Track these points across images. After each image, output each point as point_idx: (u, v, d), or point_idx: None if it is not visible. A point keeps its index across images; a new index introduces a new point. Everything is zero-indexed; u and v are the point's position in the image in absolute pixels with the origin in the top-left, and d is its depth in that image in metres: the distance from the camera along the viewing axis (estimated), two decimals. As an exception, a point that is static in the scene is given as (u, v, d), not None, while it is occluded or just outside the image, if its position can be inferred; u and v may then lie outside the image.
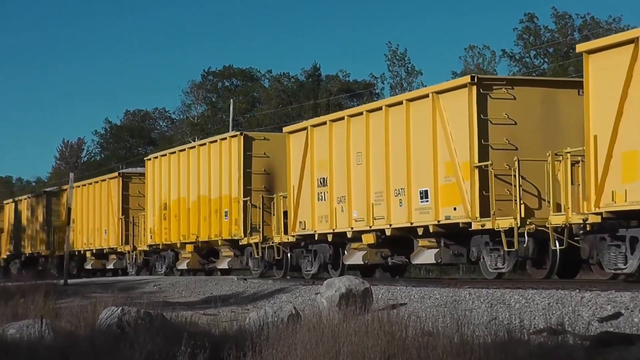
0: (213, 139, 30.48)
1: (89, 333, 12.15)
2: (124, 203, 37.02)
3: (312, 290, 18.99)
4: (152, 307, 14.04)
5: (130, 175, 38.07)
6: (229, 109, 58.57)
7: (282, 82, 70.62)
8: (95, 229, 39.23)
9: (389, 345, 9.10)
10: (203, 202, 30.10)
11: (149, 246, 34.20)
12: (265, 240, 27.06)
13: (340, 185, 23.54)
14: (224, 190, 28.91)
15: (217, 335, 11.54)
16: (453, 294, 15.64)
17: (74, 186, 39.68)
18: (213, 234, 29.52)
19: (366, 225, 22.49)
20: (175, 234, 31.79)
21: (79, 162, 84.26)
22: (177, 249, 32.17)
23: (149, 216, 34.01)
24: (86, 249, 40.12)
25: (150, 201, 33.98)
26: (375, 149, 22.41)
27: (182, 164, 31.69)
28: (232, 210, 28.46)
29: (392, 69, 57.33)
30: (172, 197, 32.18)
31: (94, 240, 39.41)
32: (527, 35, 54.32)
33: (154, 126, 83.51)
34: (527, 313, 13.04)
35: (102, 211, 38.61)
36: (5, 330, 12.49)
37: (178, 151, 32.41)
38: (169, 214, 32.20)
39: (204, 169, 30.20)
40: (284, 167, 26.56)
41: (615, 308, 12.32)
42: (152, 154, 36.07)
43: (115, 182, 37.62)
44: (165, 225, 32.56)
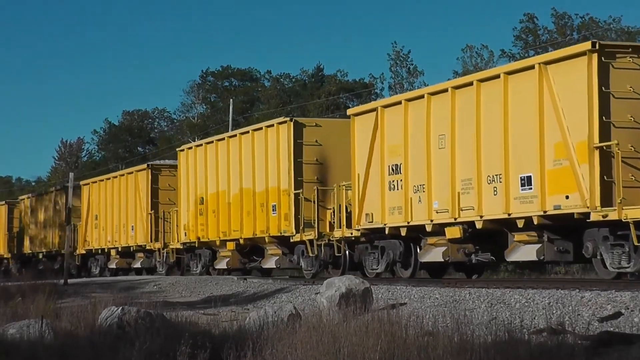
0: (257, 126, 27.93)
1: (89, 333, 12.16)
2: (153, 197, 34.45)
3: (312, 290, 18.99)
4: (152, 307, 14.05)
5: (160, 167, 35.34)
6: (228, 109, 58.56)
7: (282, 82, 70.68)
8: (121, 226, 36.76)
9: (389, 345, 9.11)
10: (246, 196, 27.66)
11: (183, 244, 31.67)
12: (320, 236, 24.67)
13: (417, 173, 21.01)
14: (271, 182, 26.41)
15: (217, 335, 11.54)
16: (453, 294, 15.64)
17: (97, 180, 38.83)
18: (258, 230, 27.04)
19: (450, 217, 19.97)
20: (213, 230, 29.42)
21: (79, 162, 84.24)
22: (215, 247, 29.85)
23: (183, 211, 31.52)
24: (110, 246, 37.64)
25: (184, 195, 31.44)
26: (462, 130, 19.82)
27: (222, 154, 29.19)
28: (280, 204, 26.05)
29: (393, 69, 57.26)
30: (209, 190, 29.70)
31: (119, 238, 36.90)
32: (526, 35, 54.33)
33: (154, 126, 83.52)
34: (527, 313, 13.04)
35: (129, 206, 36.12)
36: (5, 330, 12.49)
37: (216, 140, 29.77)
38: (206, 209, 29.70)
39: (247, 160, 27.71)
40: (338, 155, 24.92)
41: (616, 308, 12.31)
42: (186, 144, 33.23)
43: (144, 174, 34.99)
44: (201, 221, 30.10)
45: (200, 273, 30.50)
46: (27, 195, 49.13)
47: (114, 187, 37.53)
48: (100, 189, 38.62)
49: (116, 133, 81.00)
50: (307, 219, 25.24)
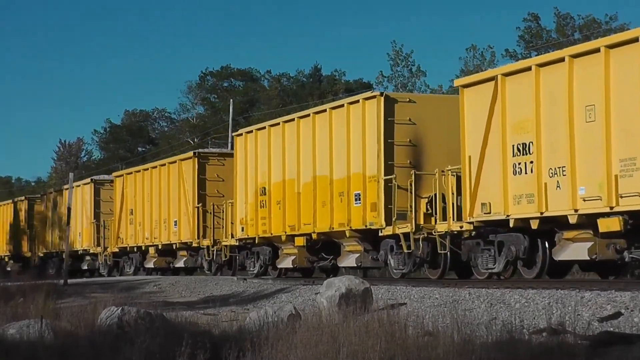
0: (337, 104, 24.15)
1: (89, 333, 12.15)
2: (200, 189, 30.84)
3: (312, 290, 19.00)
4: (152, 307, 14.07)
5: (208, 155, 31.86)
6: (228, 109, 58.56)
7: (282, 82, 70.73)
8: (162, 221, 33.00)
9: (388, 345, 9.11)
10: (321, 184, 23.96)
11: (239, 240, 27.86)
12: (418, 229, 20.93)
13: (554, 153, 17.60)
14: (354, 168, 22.78)
15: (217, 335, 11.54)
16: (453, 294, 15.64)
17: (132, 171, 35.75)
18: (336, 223, 23.36)
19: (604, 205, 16.57)
20: (278, 224, 25.71)
21: (79, 162, 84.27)
22: (278, 244, 26.26)
23: (239, 204, 27.66)
24: (149, 244, 34.00)
25: (242, 185, 27.61)
26: (619, 100, 16.49)
27: (290, 138, 25.44)
28: (366, 193, 22.29)
29: (394, 69, 57.15)
30: (273, 179, 26.03)
31: (159, 234, 33.19)
32: (529, 36, 54.33)
33: (154, 126, 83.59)
34: (527, 313, 13.04)
35: (171, 199, 32.35)
36: (5, 330, 12.49)
37: (283, 122, 25.95)
38: (268, 200, 26.02)
39: (323, 143, 23.98)
40: (435, 136, 21.96)
41: (615, 308, 12.32)
42: (243, 128, 29.31)
43: (189, 164, 31.27)
44: (263, 214, 26.37)
45: (258, 274, 27.18)
46: (51, 190, 46.39)
47: (153, 178, 33.89)
48: (136, 181, 35.14)
49: (117, 133, 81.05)
50: (401, 209, 21.47)
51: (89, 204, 39.67)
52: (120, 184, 36.75)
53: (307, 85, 68.17)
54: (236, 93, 70.26)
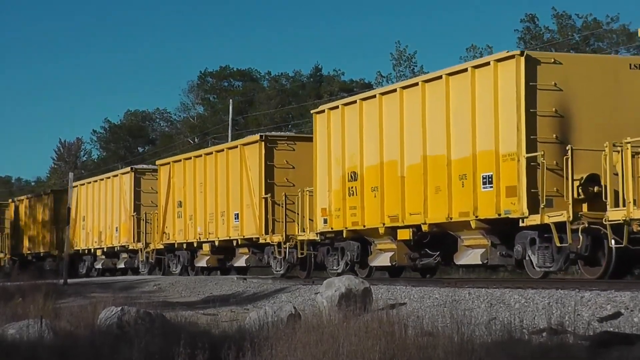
0: (456, 69, 20.10)
1: (89, 333, 12.15)
2: (267, 177, 27.12)
3: (312, 290, 18.99)
4: (151, 307, 14.07)
5: (276, 139, 27.95)
6: (227, 109, 58.57)
7: (280, 81, 70.80)
8: (218, 214, 29.28)
9: (388, 345, 9.11)
10: (434, 166, 20.15)
11: (320, 234, 23.99)
12: (576, 218, 17.12)
13: None
14: (482, 145, 18.94)
15: (216, 335, 11.54)
16: (453, 294, 15.64)
17: (181, 159, 32.29)
18: (456, 211, 19.58)
19: None
20: (373, 214, 21.89)
21: (78, 162, 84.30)
22: (371, 238, 22.40)
23: (320, 192, 23.87)
24: (203, 240, 30.16)
25: (323, 171, 23.82)
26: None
27: (388, 113, 21.68)
28: (499, 175, 18.54)
29: (397, 69, 57.15)
30: (366, 162, 22.23)
31: (215, 229, 29.44)
32: (528, 37, 54.36)
33: (154, 126, 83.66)
34: (527, 313, 13.04)
35: (231, 189, 28.65)
36: (5, 330, 12.49)
37: (380, 94, 22.18)
38: (360, 186, 22.28)
39: (437, 116, 20.11)
40: (588, 105, 18.45)
41: (615, 308, 12.32)
42: (323, 105, 25.67)
43: (255, 148, 27.58)
44: (352, 203, 22.56)
45: (343, 272, 22.59)
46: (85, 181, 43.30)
47: (208, 166, 30.05)
48: (186, 170, 31.41)
49: (117, 133, 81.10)
50: (550, 193, 17.89)
51: (128, 195, 36.19)
52: (166, 173, 32.76)
53: (307, 85, 68.20)
54: (235, 93, 70.30)
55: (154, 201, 34.61)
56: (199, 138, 67.98)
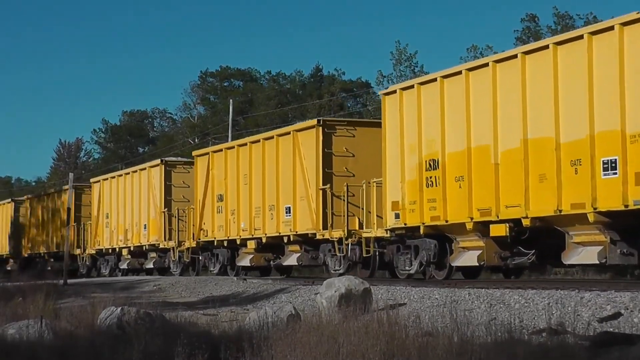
0: (562, 38, 17.53)
1: (89, 333, 12.16)
2: (325, 166, 24.17)
3: (312, 290, 18.99)
4: (151, 307, 14.07)
5: (334, 124, 24.89)
6: (227, 109, 58.59)
7: (280, 81, 70.88)
8: (265, 208, 26.43)
9: (388, 345, 9.11)
10: (537, 150, 17.56)
11: (390, 230, 21.28)
12: None
13: None
14: (601, 124, 16.20)
15: (216, 335, 11.54)
16: (452, 294, 15.65)
17: (222, 148, 29.41)
18: (566, 203, 16.86)
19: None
20: (458, 207, 19.21)
21: (78, 162, 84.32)
22: (455, 234, 19.72)
23: (391, 183, 21.13)
24: (246, 237, 27.44)
25: (394, 159, 21.01)
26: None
27: (478, 91, 18.89)
28: (627, 158, 15.73)
29: (397, 68, 57.10)
30: (449, 147, 19.58)
31: (262, 225, 26.63)
32: (527, 37, 54.32)
33: (153, 126, 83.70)
34: (526, 313, 13.05)
35: (281, 181, 25.63)
36: (5, 330, 12.49)
37: (465, 70, 19.26)
38: (442, 176, 19.67)
39: (540, 92, 17.52)
40: None
41: (615, 308, 12.32)
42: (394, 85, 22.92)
43: (311, 135, 24.51)
44: (431, 195, 19.97)
45: (416, 273, 20.94)
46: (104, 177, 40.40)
47: (253, 155, 27.24)
48: (227, 160, 28.66)
49: (117, 133, 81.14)
50: None
51: (158, 189, 33.27)
52: (204, 165, 29.97)
53: (307, 85, 68.24)
54: (236, 93, 70.35)
55: (186, 196, 32.37)
56: (199, 138, 68.02)
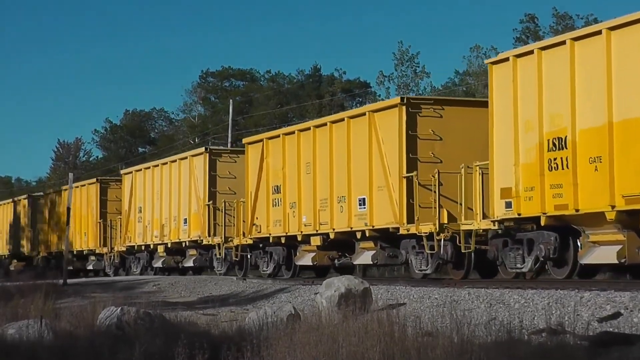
0: None
1: (89, 333, 12.16)
2: (409, 151, 20.91)
3: (312, 290, 18.99)
4: (151, 307, 14.07)
5: (419, 102, 21.42)
6: (228, 109, 58.61)
7: (279, 81, 70.93)
8: (333, 200, 23.22)
9: (388, 345, 9.11)
10: None
11: (498, 222, 18.39)
12: None
13: None
14: None
15: (216, 335, 11.55)
16: (452, 294, 15.64)
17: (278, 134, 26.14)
18: None
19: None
20: (593, 194, 16.26)
21: (77, 162, 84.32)
22: (581, 226, 16.98)
23: (500, 167, 18.32)
24: (309, 232, 24.17)
25: (505, 138, 18.21)
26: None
27: (625, 53, 15.86)
28: None
29: (398, 68, 57.06)
30: (580, 123, 16.64)
31: (330, 218, 23.35)
32: (526, 37, 54.34)
33: (154, 126, 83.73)
34: (526, 313, 13.05)
35: (354, 168, 22.50)
36: (5, 331, 12.49)
37: (607, 30, 16.17)
38: (571, 156, 16.70)
39: None
40: None
41: (615, 308, 12.32)
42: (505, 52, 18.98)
43: (391, 116, 21.29)
44: (554, 179, 17.01)
45: (530, 271, 18.47)
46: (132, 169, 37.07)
47: (319, 141, 23.92)
48: (286, 147, 25.29)
49: (117, 133, 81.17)
50: None
51: (201, 180, 30.13)
52: (257, 153, 26.63)
53: (306, 85, 68.26)
54: (236, 93, 70.38)
55: (233, 187, 29.41)
56: (199, 138, 68.05)
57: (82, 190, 39.34)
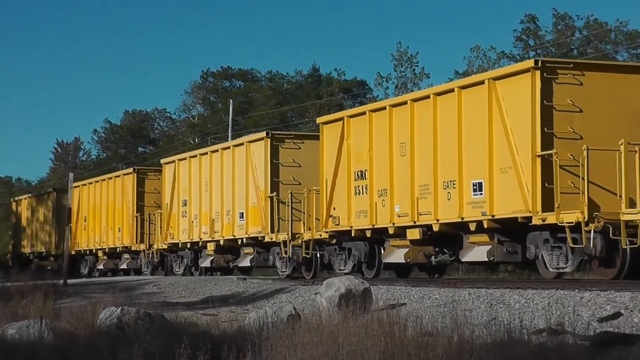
0: None
1: (89, 333, 12.16)
2: (544, 125, 17.62)
3: (312, 290, 18.99)
4: (151, 307, 14.08)
5: (554, 67, 18.03)
6: (227, 110, 58.65)
7: (278, 81, 71.04)
8: (438, 185, 19.94)
9: (388, 345, 9.11)
10: None
11: None
12: None
13: None
14: None
15: (216, 335, 11.54)
16: (452, 294, 15.65)
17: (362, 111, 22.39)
18: None
19: None
20: None
21: (77, 162, 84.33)
22: None
23: None
24: (406, 224, 20.70)
25: None
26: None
27: None
28: None
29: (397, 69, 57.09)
30: None
31: (432, 207, 20.07)
32: (526, 37, 54.38)
33: (154, 126, 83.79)
34: (526, 313, 13.05)
35: (465, 146, 19.35)
36: (5, 331, 12.49)
37: None
38: None
39: None
40: None
41: (615, 308, 12.33)
42: None
43: (520, 82, 18.17)
44: None
45: None
46: None
47: (418, 116, 20.59)
48: (374, 124, 21.97)
49: (118, 133, 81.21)
50: None
51: (261, 169, 26.71)
52: (336, 133, 23.20)
53: (305, 85, 68.35)
54: (236, 93, 70.45)
55: (297, 177, 25.97)
56: (199, 138, 68.10)
57: (116, 181, 36.36)
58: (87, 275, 38.69)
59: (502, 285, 16.71)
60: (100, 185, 38.24)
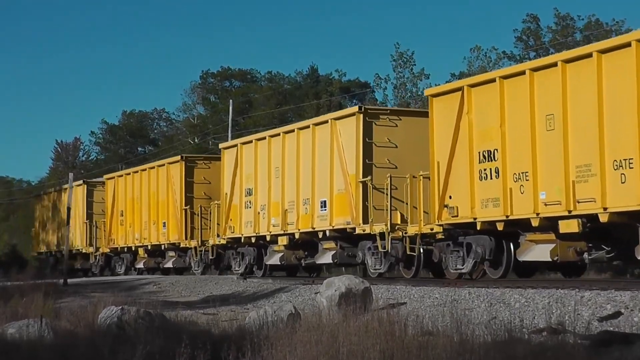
0: None
1: (89, 333, 12.16)
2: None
3: (312, 289, 19.00)
4: (151, 306, 14.08)
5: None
6: (227, 110, 58.64)
7: (278, 82, 71.06)
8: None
9: (388, 344, 9.11)
10: None
11: None
12: None
13: None
14: None
15: (216, 334, 11.55)
16: (453, 294, 15.65)
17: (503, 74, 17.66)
18: None
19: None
20: None
21: (76, 162, 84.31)
22: None
23: None
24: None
25: None
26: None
27: None
28: None
29: (397, 70, 57.06)
30: None
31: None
32: (527, 37, 54.36)
33: (154, 126, 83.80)
34: (527, 312, 13.05)
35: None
36: (5, 330, 12.49)
37: None
38: None
39: None
40: None
41: (615, 307, 12.33)
42: None
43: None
44: None
45: None
46: None
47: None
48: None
49: (117, 133, 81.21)
50: None
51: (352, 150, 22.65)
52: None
53: (304, 85, 68.37)
54: (236, 94, 70.47)
55: (393, 160, 22.33)
56: (199, 139, 68.11)
57: (160, 171, 32.96)
58: (123, 274, 35.61)
59: (502, 284, 16.72)
60: (140, 176, 34.50)
